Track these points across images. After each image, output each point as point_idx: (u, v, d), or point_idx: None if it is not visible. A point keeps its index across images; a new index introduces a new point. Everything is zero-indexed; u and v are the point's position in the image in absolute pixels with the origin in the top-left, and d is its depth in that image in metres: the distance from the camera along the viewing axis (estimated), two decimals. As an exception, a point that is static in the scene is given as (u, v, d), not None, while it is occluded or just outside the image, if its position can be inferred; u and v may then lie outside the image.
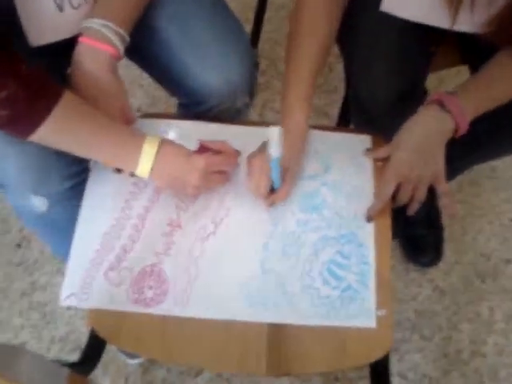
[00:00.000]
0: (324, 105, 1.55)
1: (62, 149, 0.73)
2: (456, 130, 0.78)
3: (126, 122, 0.80)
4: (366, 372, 0.86)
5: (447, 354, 1.24)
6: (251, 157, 0.81)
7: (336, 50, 0.97)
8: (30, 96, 0.66)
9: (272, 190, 0.81)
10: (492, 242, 1.36)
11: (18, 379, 0.43)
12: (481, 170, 1.44)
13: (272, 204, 0.82)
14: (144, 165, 0.74)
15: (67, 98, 0.70)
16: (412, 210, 0.83)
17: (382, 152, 0.83)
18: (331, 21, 0.82)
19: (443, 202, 0.81)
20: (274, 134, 0.75)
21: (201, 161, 0.76)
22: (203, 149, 0.79)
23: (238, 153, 0.83)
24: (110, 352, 1.22)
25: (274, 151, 0.76)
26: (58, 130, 0.70)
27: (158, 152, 0.75)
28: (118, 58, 0.78)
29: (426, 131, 0.78)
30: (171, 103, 1.54)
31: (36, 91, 0.66)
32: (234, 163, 0.83)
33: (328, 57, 0.84)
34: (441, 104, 0.77)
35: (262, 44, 1.64)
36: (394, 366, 1.22)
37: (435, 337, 1.25)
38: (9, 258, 1.35)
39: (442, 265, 1.32)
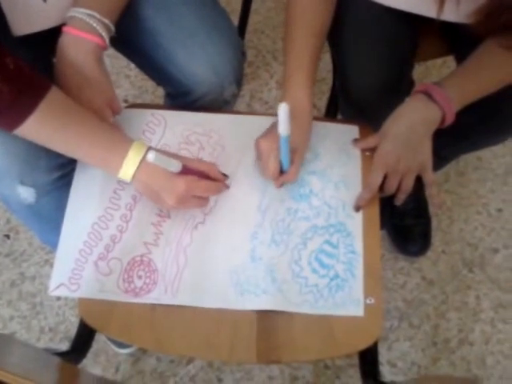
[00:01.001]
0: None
1: (46, 145, 0.72)
2: (443, 120, 0.79)
3: (112, 112, 0.80)
4: (356, 360, 0.87)
5: (435, 342, 1.26)
6: (260, 139, 0.81)
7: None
8: (15, 90, 0.65)
9: (281, 172, 0.81)
10: (479, 232, 1.37)
11: (8, 367, 0.43)
12: (467, 160, 1.45)
13: (281, 185, 0.82)
14: (126, 169, 0.73)
15: (54, 94, 0.69)
16: (399, 199, 0.83)
17: (370, 142, 0.84)
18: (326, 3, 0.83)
19: (430, 192, 0.82)
20: (281, 110, 0.71)
21: (182, 184, 0.74)
22: (187, 171, 0.76)
23: (225, 177, 0.81)
24: (100, 342, 1.23)
25: (283, 129, 0.74)
26: (44, 126, 0.69)
27: (142, 160, 0.73)
28: (103, 48, 0.78)
29: (413, 121, 0.79)
30: (158, 94, 1.54)
31: (21, 85, 0.66)
32: (218, 190, 0.80)
33: (326, 35, 0.85)
34: (427, 94, 0.78)
35: (249, 35, 1.63)
36: (384, 355, 1.23)
37: (423, 325, 1.27)
38: (-3, 249, 1.34)
39: (429, 254, 1.34)
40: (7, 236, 1.36)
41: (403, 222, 1.31)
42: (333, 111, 1.18)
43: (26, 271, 1.32)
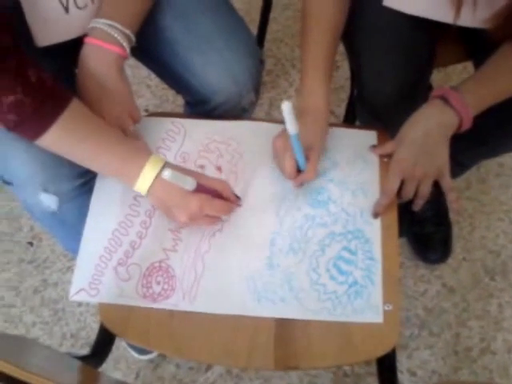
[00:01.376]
0: (330, 103, 1.54)
1: (66, 156, 0.73)
2: (460, 125, 0.79)
3: (132, 121, 0.81)
4: (375, 368, 0.86)
5: (457, 351, 1.24)
6: (275, 137, 0.82)
7: (341, 47, 0.98)
8: (37, 101, 0.66)
9: (299, 171, 0.81)
10: (501, 239, 1.35)
11: (30, 368, 0.44)
12: (489, 167, 1.44)
13: (301, 185, 0.83)
14: (142, 183, 0.74)
15: (75, 105, 0.71)
16: (417, 205, 0.83)
17: (387, 148, 0.84)
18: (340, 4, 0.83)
19: (448, 198, 0.82)
20: (284, 109, 0.71)
21: (195, 202, 0.74)
22: (202, 188, 0.76)
23: (237, 199, 0.81)
24: (121, 348, 1.24)
25: (290, 127, 0.74)
26: (65, 137, 0.70)
27: (158, 175, 0.74)
28: (125, 58, 0.79)
29: (429, 126, 0.78)
30: (178, 103, 1.56)
31: (43, 97, 0.67)
32: (230, 211, 0.80)
33: (339, 39, 0.86)
34: (444, 99, 0.78)
35: (268, 44, 1.65)
36: (404, 363, 1.22)
37: (444, 334, 1.25)
38: (20, 256, 1.37)
39: (450, 261, 1.32)
40: (30, 243, 1.38)
41: (423, 229, 1.30)
42: (351, 118, 1.18)
43: (48, 278, 1.34)
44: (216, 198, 0.77)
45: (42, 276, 1.34)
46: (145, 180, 0.74)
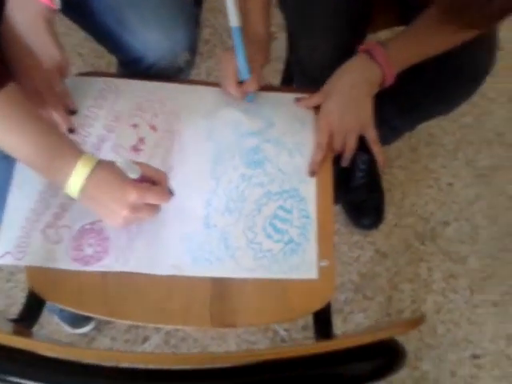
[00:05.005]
0: (267, 74, 1.53)
1: None
2: (383, 81, 0.81)
3: (61, 76, 0.77)
4: (312, 333, 0.88)
5: (389, 313, 1.28)
6: (223, 51, 0.85)
7: (278, 19, 0.98)
8: None
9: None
10: (430, 206, 1.41)
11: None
12: (419, 136, 1.49)
13: (243, 96, 0.84)
14: (73, 185, 0.67)
15: (12, 89, 0.66)
16: (345, 159, 0.85)
17: (313, 101, 0.86)
18: None
19: (374, 150, 0.84)
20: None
21: (134, 190, 0.67)
22: (143, 179, 0.70)
23: (171, 193, 0.73)
24: (53, 324, 1.20)
25: (232, 20, 0.73)
26: None
27: (90, 174, 0.67)
28: (53, 11, 0.75)
29: (354, 80, 0.81)
30: (112, 71, 1.50)
31: None
32: (169, 198, 0.73)
33: None
34: (369, 54, 0.80)
35: (206, 13, 1.62)
36: (339, 327, 1.25)
37: (378, 297, 1.30)
38: None
39: (383, 228, 1.36)
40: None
41: (357, 196, 1.33)
42: (287, 84, 1.18)
43: (-28, 252, 1.27)
44: (154, 185, 0.71)
45: (-34, 251, 1.27)
46: (77, 179, 0.67)
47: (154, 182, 0.71)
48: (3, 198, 0.77)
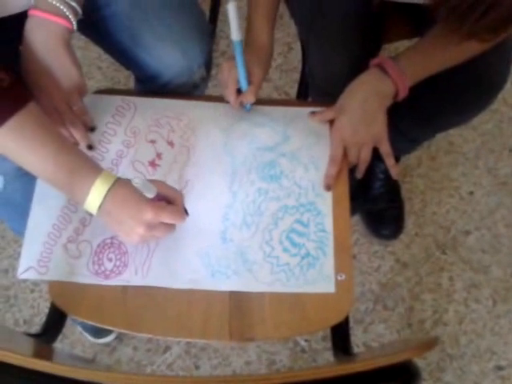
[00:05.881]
0: (284, 84, 1.55)
1: (15, 160, 0.69)
2: (396, 94, 0.82)
3: (79, 94, 0.79)
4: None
5: (410, 323, 1.27)
6: (224, 61, 0.85)
7: (293, 30, 0.98)
8: None
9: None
10: (451, 215, 1.40)
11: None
12: (439, 145, 1.47)
13: (240, 105, 0.86)
14: (92, 201, 0.69)
15: (32, 108, 0.67)
16: (360, 172, 0.86)
17: (326, 115, 0.86)
18: None
19: (387, 163, 0.84)
20: (230, 9, 0.68)
21: (150, 209, 0.69)
22: (159, 197, 0.72)
23: (186, 213, 0.75)
24: (76, 333, 1.22)
25: (233, 32, 0.73)
26: (15, 139, 0.66)
27: (109, 191, 0.68)
28: (71, 31, 0.77)
29: (366, 93, 0.81)
30: (130, 85, 1.52)
31: (1, 93, 0.64)
32: (185, 218, 0.75)
33: None
34: (381, 67, 0.81)
35: (221, 24, 1.63)
36: (359, 337, 1.25)
37: (398, 307, 1.29)
38: (-31, 243, 1.32)
39: (403, 237, 1.35)
40: (-21, 229, 1.34)
41: (376, 206, 1.32)
42: (303, 97, 1.19)
43: (-2, 264, 1.30)
44: (170, 204, 0.73)
45: (-8, 263, 1.30)
46: (95, 195, 0.68)
47: (169, 200, 0.73)
48: (25, 214, 0.79)
